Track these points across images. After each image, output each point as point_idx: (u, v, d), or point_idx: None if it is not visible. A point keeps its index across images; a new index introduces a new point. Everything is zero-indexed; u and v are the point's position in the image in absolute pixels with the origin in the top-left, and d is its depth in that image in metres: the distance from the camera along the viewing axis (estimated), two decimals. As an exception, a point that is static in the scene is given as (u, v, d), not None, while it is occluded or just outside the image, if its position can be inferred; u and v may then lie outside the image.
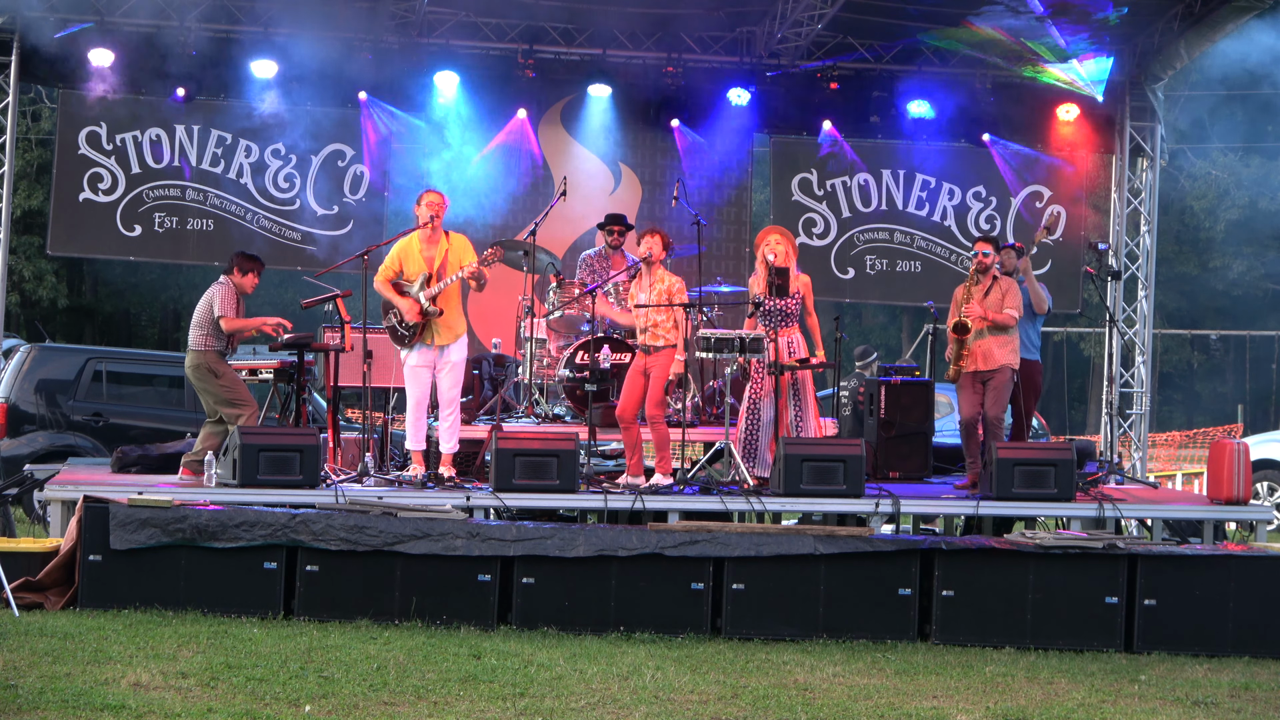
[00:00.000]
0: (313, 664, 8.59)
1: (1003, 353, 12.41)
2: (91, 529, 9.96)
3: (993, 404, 12.41)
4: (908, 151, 16.66)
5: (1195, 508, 12.88)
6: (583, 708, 7.92)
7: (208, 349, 12.15)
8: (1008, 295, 12.47)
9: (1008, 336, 12.47)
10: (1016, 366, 12.56)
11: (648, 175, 16.60)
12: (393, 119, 16.14)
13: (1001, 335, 12.43)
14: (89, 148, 15.48)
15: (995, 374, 12.40)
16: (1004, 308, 12.41)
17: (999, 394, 12.41)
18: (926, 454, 13.56)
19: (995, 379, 12.41)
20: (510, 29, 15.86)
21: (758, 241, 12.45)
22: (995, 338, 12.41)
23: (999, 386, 12.42)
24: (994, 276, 12.55)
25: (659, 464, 11.95)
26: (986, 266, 12.54)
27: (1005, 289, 12.49)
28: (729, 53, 16.24)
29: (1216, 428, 30.77)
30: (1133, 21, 15.67)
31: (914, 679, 9.01)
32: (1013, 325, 12.46)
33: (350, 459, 12.51)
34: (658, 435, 11.89)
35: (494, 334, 14.83)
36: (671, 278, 11.91)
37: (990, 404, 12.41)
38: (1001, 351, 12.41)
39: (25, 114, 29.87)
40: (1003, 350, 12.42)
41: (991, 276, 12.54)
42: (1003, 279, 12.61)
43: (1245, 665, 9.93)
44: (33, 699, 7.46)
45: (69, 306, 36.26)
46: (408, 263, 11.73)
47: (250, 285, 12.43)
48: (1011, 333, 12.49)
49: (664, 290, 11.81)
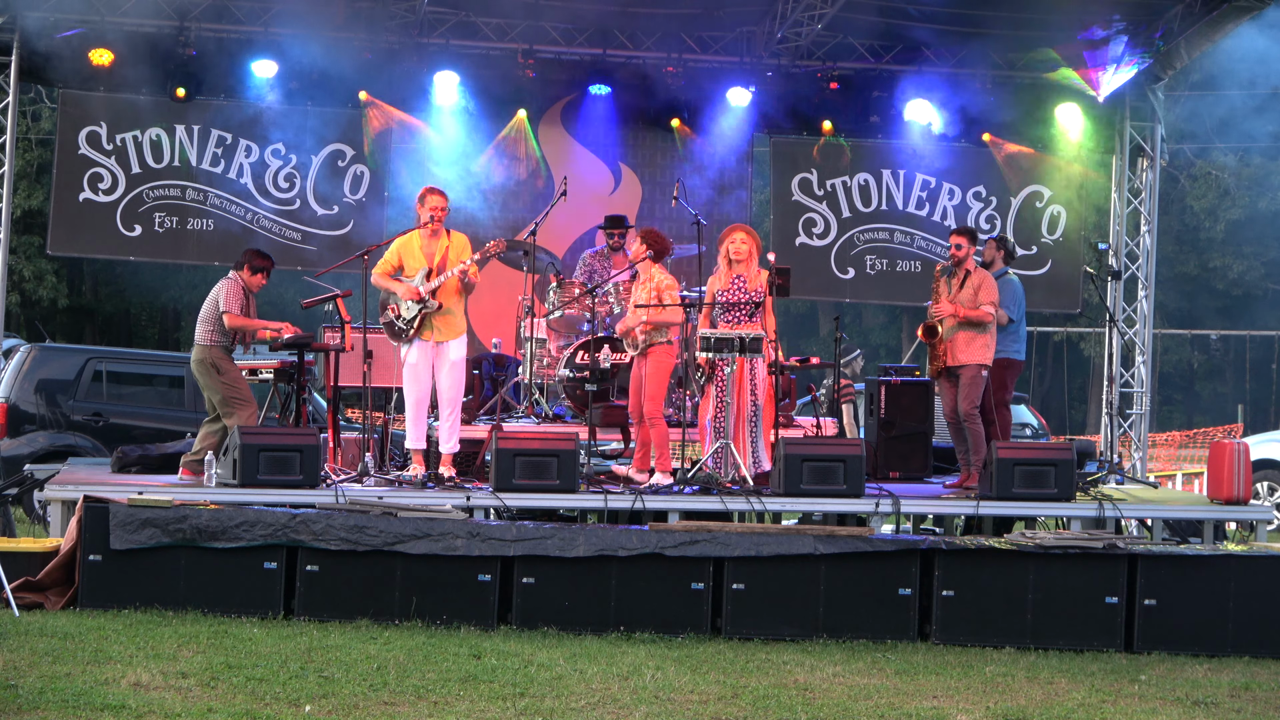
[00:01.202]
0: (313, 664, 8.59)
1: (970, 349, 12.30)
2: (91, 529, 9.96)
3: (963, 399, 12.30)
4: (908, 151, 16.65)
5: (1195, 508, 12.89)
6: (583, 708, 7.92)
7: (212, 344, 12.15)
8: (981, 290, 12.34)
9: (977, 332, 12.33)
10: (988, 363, 12.40)
11: (648, 175, 16.60)
12: (392, 119, 16.14)
13: (970, 331, 12.32)
14: (89, 148, 15.47)
15: (962, 370, 12.33)
16: (978, 303, 12.32)
17: (966, 390, 12.30)
18: (926, 454, 13.58)
19: (963, 375, 12.33)
20: (510, 29, 15.86)
21: (721, 238, 12.27)
22: (964, 333, 12.33)
23: (967, 383, 12.30)
24: (968, 270, 12.47)
25: (658, 463, 11.95)
26: (960, 259, 12.48)
27: (978, 283, 12.37)
28: (729, 53, 16.24)
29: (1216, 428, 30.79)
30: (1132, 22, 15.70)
31: (914, 679, 9.01)
32: (989, 321, 12.35)
33: (350, 459, 12.51)
34: (657, 434, 11.89)
35: (494, 334, 14.83)
36: (663, 275, 11.91)
37: (961, 399, 12.31)
38: (969, 348, 12.30)
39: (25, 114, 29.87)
40: (970, 346, 12.30)
41: (965, 270, 12.47)
42: (977, 272, 12.47)
43: (1245, 665, 9.94)
44: (33, 699, 7.45)
45: (69, 306, 36.27)
46: (408, 258, 11.73)
47: (258, 285, 12.46)
48: (985, 329, 12.36)
49: (654, 289, 11.82)
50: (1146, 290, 16.56)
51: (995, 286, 12.47)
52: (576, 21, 15.86)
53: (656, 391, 11.88)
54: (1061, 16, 15.27)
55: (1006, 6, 15.04)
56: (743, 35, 16.15)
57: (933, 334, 12.42)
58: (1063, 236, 16.81)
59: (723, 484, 11.65)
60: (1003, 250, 13.32)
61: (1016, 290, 13.16)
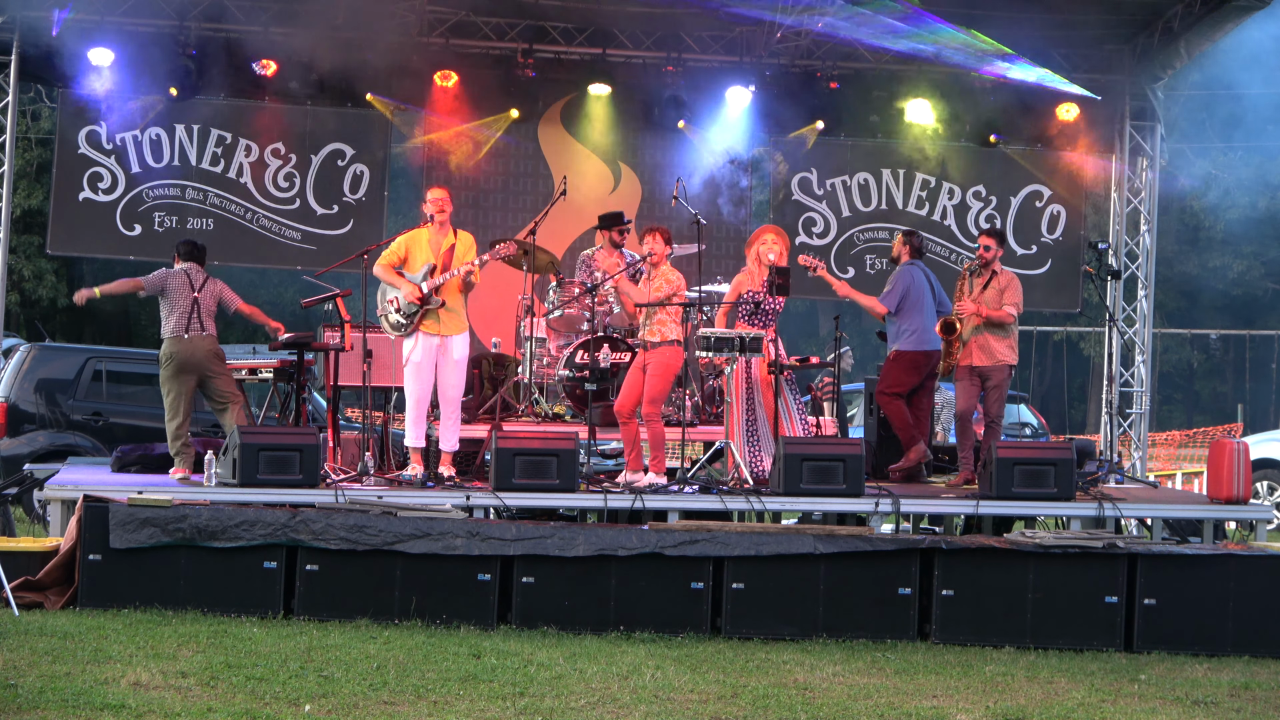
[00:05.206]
0: (313, 663, 8.59)
1: (1001, 348, 12.41)
2: (91, 528, 9.96)
3: (994, 403, 12.45)
4: (908, 151, 16.65)
5: (1195, 507, 12.89)
6: (583, 707, 7.92)
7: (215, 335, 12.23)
8: (1007, 291, 12.44)
9: (1006, 333, 12.46)
10: (1015, 363, 12.56)
11: (648, 175, 16.60)
12: (392, 118, 16.14)
13: (999, 331, 12.43)
14: (89, 147, 15.48)
15: (994, 371, 12.40)
16: (1002, 304, 12.39)
17: (1000, 393, 12.45)
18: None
19: (995, 377, 12.42)
20: (510, 28, 15.86)
21: (751, 239, 12.48)
22: (994, 333, 12.40)
23: (999, 385, 12.45)
24: (994, 271, 12.55)
25: (653, 463, 11.96)
26: (988, 260, 12.54)
27: (1004, 284, 12.46)
28: (729, 52, 16.24)
29: (1216, 427, 30.79)
30: (1133, 21, 15.71)
31: (914, 678, 9.01)
32: (1011, 322, 12.45)
33: (350, 459, 12.51)
34: (653, 434, 11.88)
35: (494, 333, 14.83)
36: (671, 271, 11.92)
37: (991, 404, 12.45)
38: (1000, 347, 12.40)
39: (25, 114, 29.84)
40: (1001, 346, 12.41)
41: (991, 271, 12.54)
42: (1003, 273, 12.58)
43: (1245, 665, 9.93)
44: (33, 698, 7.45)
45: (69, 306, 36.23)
46: (415, 251, 11.72)
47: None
48: (1010, 329, 12.48)
49: (662, 285, 11.82)
50: (1146, 290, 16.56)
51: (1020, 289, 12.55)
52: (576, 21, 15.86)
53: (659, 392, 11.86)
54: (1062, 16, 15.26)
55: (1006, 6, 15.03)
56: (743, 35, 16.15)
57: (950, 330, 12.42)
58: (1063, 236, 16.81)
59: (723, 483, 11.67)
60: (908, 246, 13.22)
61: (905, 279, 13.01)
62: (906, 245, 13.16)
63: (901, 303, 12.80)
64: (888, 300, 12.86)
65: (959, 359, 12.50)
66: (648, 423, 11.84)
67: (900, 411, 12.71)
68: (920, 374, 12.80)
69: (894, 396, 12.76)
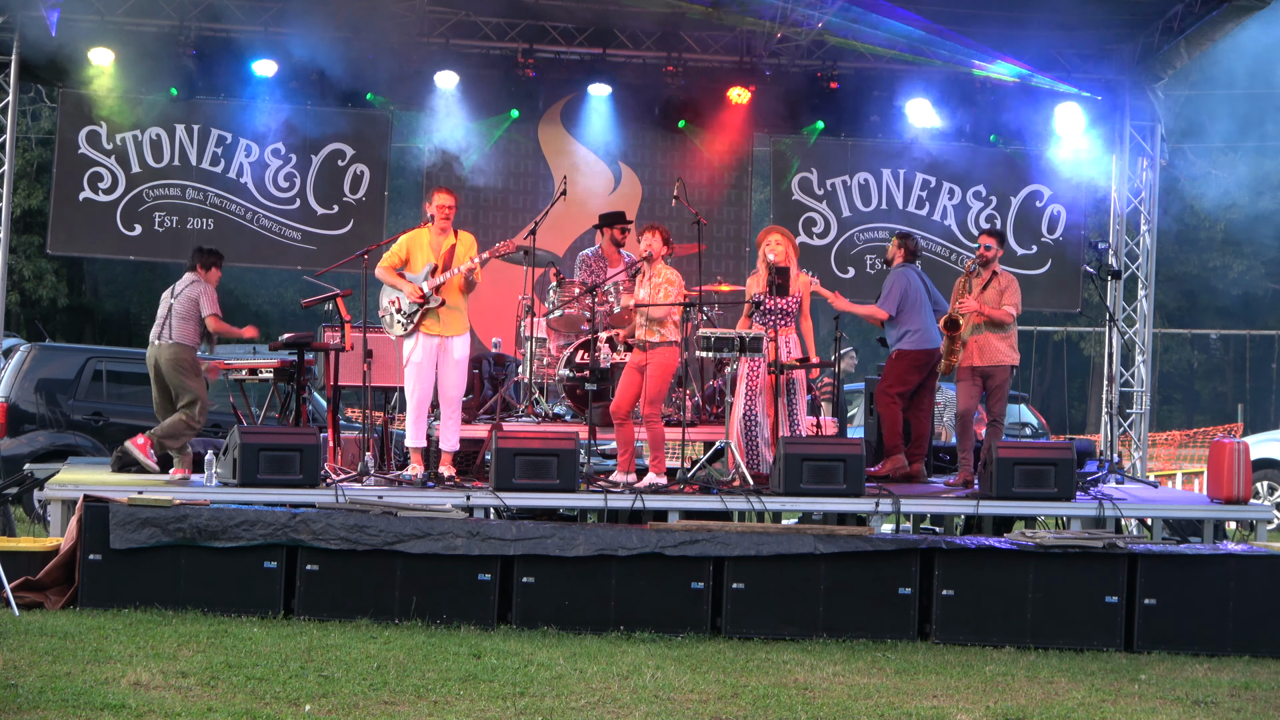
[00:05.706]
0: (313, 663, 8.59)
1: (1002, 348, 12.42)
2: (91, 528, 9.96)
3: (996, 403, 12.45)
4: (908, 151, 16.66)
5: (1195, 507, 12.88)
6: (583, 707, 7.92)
7: (192, 344, 12.22)
8: (1007, 291, 12.46)
9: (1006, 332, 12.47)
10: (1016, 363, 12.57)
11: (648, 175, 16.61)
12: (392, 118, 16.11)
13: (1000, 331, 12.43)
14: (89, 147, 15.48)
15: (996, 371, 12.41)
16: (1002, 304, 12.40)
17: (1002, 393, 12.46)
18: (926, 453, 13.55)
19: (997, 377, 12.43)
20: (510, 28, 15.87)
21: (759, 240, 12.50)
22: (994, 333, 12.40)
23: (1001, 385, 12.46)
24: (994, 271, 12.56)
25: (653, 463, 11.94)
26: (989, 260, 12.55)
27: (1004, 285, 12.47)
28: (729, 52, 16.25)
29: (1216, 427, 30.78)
30: (1133, 21, 15.70)
31: (914, 678, 9.01)
32: (1010, 322, 12.44)
33: (350, 459, 12.52)
34: (653, 434, 11.87)
35: (494, 333, 14.84)
36: (670, 271, 11.92)
37: (994, 403, 12.45)
38: (1001, 347, 12.41)
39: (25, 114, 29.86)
40: (1002, 345, 12.42)
41: (992, 271, 12.55)
42: (1003, 274, 12.59)
43: (1245, 665, 9.93)
44: (33, 698, 7.45)
45: (69, 306, 36.24)
46: (416, 251, 11.73)
47: (217, 280, 12.53)
48: (1009, 329, 12.48)
49: (661, 284, 11.82)
50: (1146, 290, 16.56)
51: (1019, 291, 12.56)
52: (576, 21, 15.87)
53: (658, 392, 11.86)
54: (1062, 16, 15.26)
55: (1007, 6, 15.03)
56: (743, 35, 16.15)
57: (954, 326, 12.43)
58: (1062, 236, 16.81)
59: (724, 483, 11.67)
60: (903, 248, 13.24)
61: (901, 281, 13.01)
62: (901, 248, 13.17)
63: (901, 305, 12.82)
64: (886, 305, 12.88)
65: (960, 360, 12.50)
66: (647, 423, 11.84)
67: (894, 417, 12.72)
68: (923, 373, 12.84)
69: (895, 397, 12.76)
